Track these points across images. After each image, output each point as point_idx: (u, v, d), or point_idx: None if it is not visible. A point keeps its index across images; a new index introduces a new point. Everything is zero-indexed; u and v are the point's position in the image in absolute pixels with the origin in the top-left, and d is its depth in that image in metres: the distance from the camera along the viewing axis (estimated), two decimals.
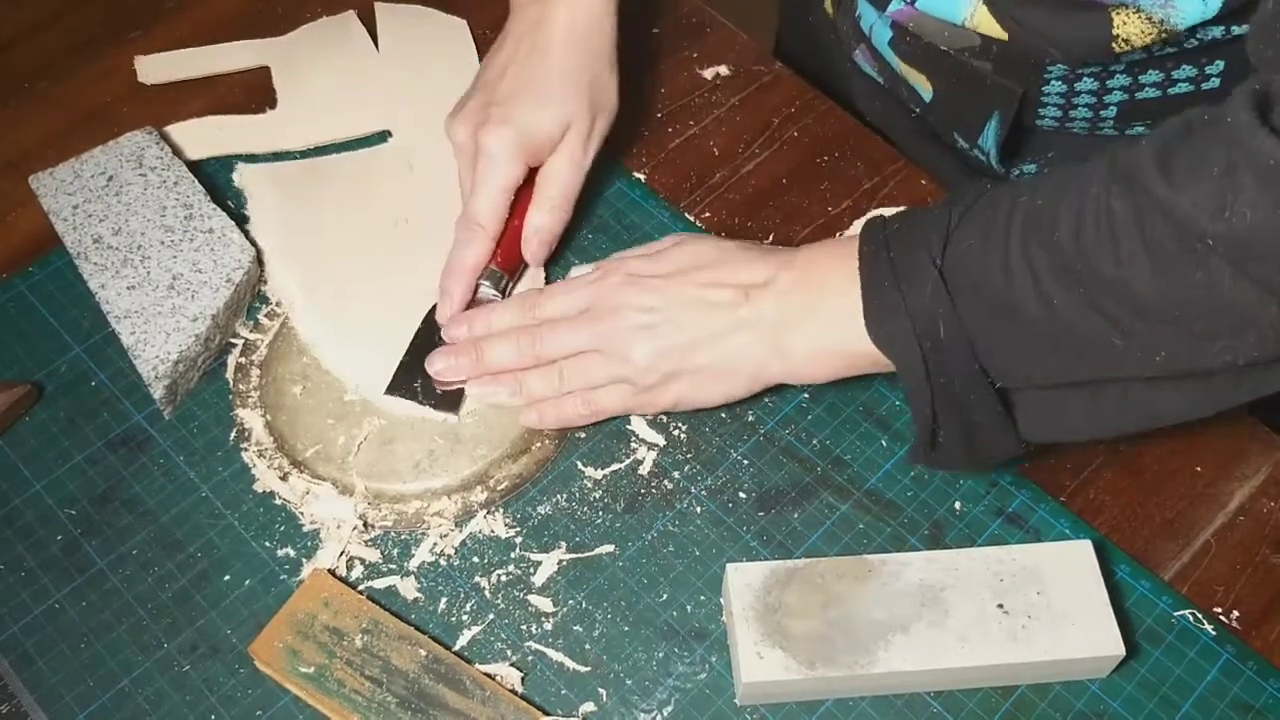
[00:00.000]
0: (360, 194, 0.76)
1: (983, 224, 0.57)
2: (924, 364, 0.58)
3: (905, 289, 0.58)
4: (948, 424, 0.60)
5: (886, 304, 0.59)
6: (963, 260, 0.57)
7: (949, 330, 0.57)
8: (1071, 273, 0.53)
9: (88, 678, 0.60)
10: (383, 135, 0.80)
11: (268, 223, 0.75)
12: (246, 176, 0.77)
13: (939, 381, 0.58)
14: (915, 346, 0.58)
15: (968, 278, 0.57)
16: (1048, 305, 0.54)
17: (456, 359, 0.67)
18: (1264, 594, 0.64)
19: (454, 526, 0.65)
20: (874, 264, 0.60)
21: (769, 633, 0.58)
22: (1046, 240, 0.54)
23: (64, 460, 0.67)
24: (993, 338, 0.57)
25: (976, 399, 0.59)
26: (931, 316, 0.57)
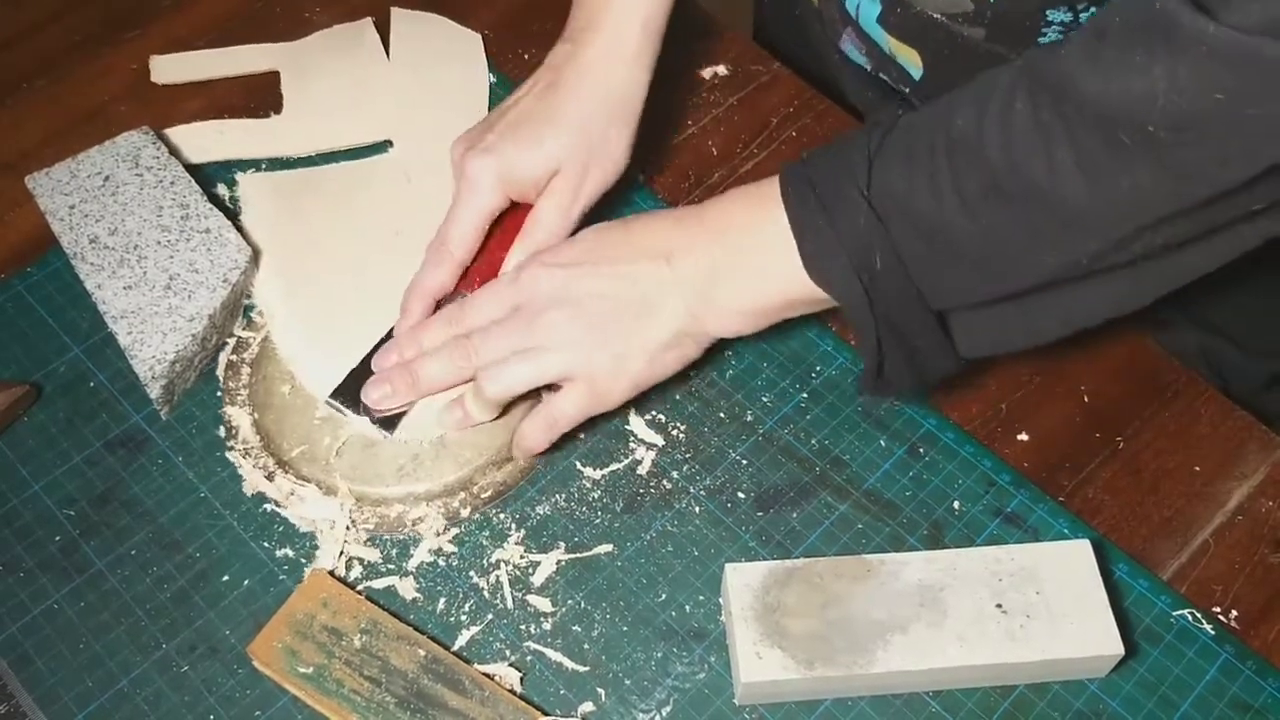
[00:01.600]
0: (356, 204, 0.76)
1: (905, 149, 0.57)
2: (865, 296, 0.58)
3: (838, 223, 0.58)
4: (891, 351, 0.60)
5: (821, 242, 0.58)
6: (890, 188, 0.57)
7: (885, 259, 0.57)
8: (1002, 191, 0.53)
9: (86, 678, 0.60)
10: (384, 145, 0.80)
11: (260, 232, 0.75)
12: (245, 185, 0.77)
13: (880, 311, 0.59)
14: (855, 280, 0.58)
15: (896, 204, 0.57)
16: (978, 224, 0.55)
17: (391, 386, 0.66)
18: (1263, 593, 0.64)
19: (451, 525, 0.65)
20: (801, 202, 0.59)
21: (768, 632, 0.58)
22: (974, 160, 0.54)
23: (62, 461, 0.67)
24: (928, 261, 0.57)
25: (917, 324, 0.59)
26: (867, 248, 0.57)
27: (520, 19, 0.88)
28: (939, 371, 0.62)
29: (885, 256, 0.57)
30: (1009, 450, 0.69)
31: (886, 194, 0.57)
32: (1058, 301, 0.59)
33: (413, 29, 0.86)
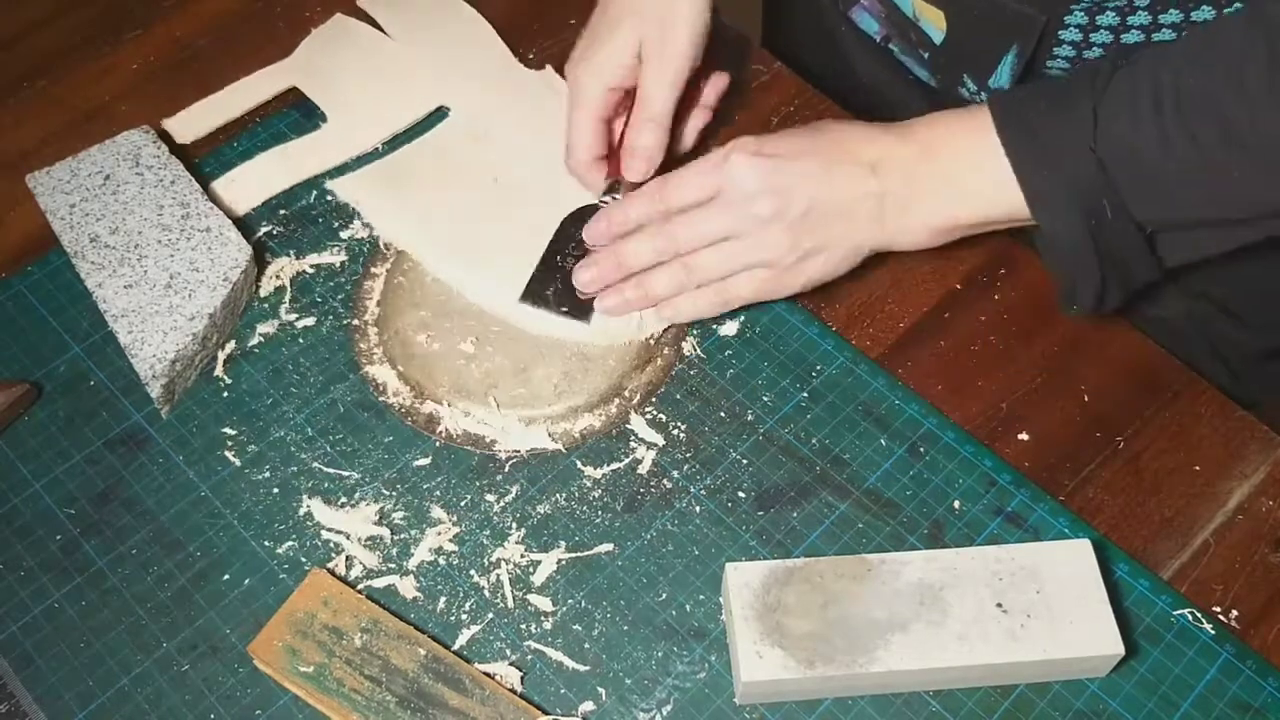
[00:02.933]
0: (447, 169, 0.78)
1: (1129, 104, 0.60)
2: (1091, 240, 0.62)
3: (1065, 171, 0.61)
4: (1111, 283, 0.64)
5: (1050, 193, 0.62)
6: (1118, 144, 0.60)
7: (1114, 209, 0.61)
8: (1245, 146, 0.57)
9: (87, 677, 0.60)
10: (440, 112, 0.82)
11: (384, 220, 0.76)
12: (345, 189, 0.78)
13: (1104, 252, 0.62)
14: (1082, 225, 0.61)
15: (1126, 159, 0.60)
16: (1214, 174, 0.58)
17: (599, 268, 0.70)
18: (1262, 593, 0.64)
19: (456, 525, 0.65)
20: (1023, 148, 0.62)
21: (768, 632, 0.58)
22: (1213, 118, 0.57)
23: (63, 459, 0.67)
24: (1152, 204, 0.61)
25: (1135, 253, 0.63)
26: (1094, 198, 0.61)
27: (520, 18, 0.88)
28: (1145, 282, 0.65)
29: (1114, 206, 0.61)
30: (1009, 450, 0.69)
31: (1115, 148, 0.60)
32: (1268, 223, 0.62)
33: (388, 7, 0.87)
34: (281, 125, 0.81)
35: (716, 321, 0.73)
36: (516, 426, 0.68)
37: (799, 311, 0.73)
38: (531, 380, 0.69)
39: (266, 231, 0.77)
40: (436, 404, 0.69)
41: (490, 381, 0.69)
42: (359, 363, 0.71)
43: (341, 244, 0.76)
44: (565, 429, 0.69)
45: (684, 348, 0.72)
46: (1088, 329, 0.73)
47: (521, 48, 0.86)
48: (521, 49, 0.86)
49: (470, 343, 0.70)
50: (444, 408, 0.69)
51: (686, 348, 0.72)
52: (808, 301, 0.74)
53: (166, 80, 0.84)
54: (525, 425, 0.68)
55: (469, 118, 0.81)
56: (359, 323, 0.73)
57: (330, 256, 0.76)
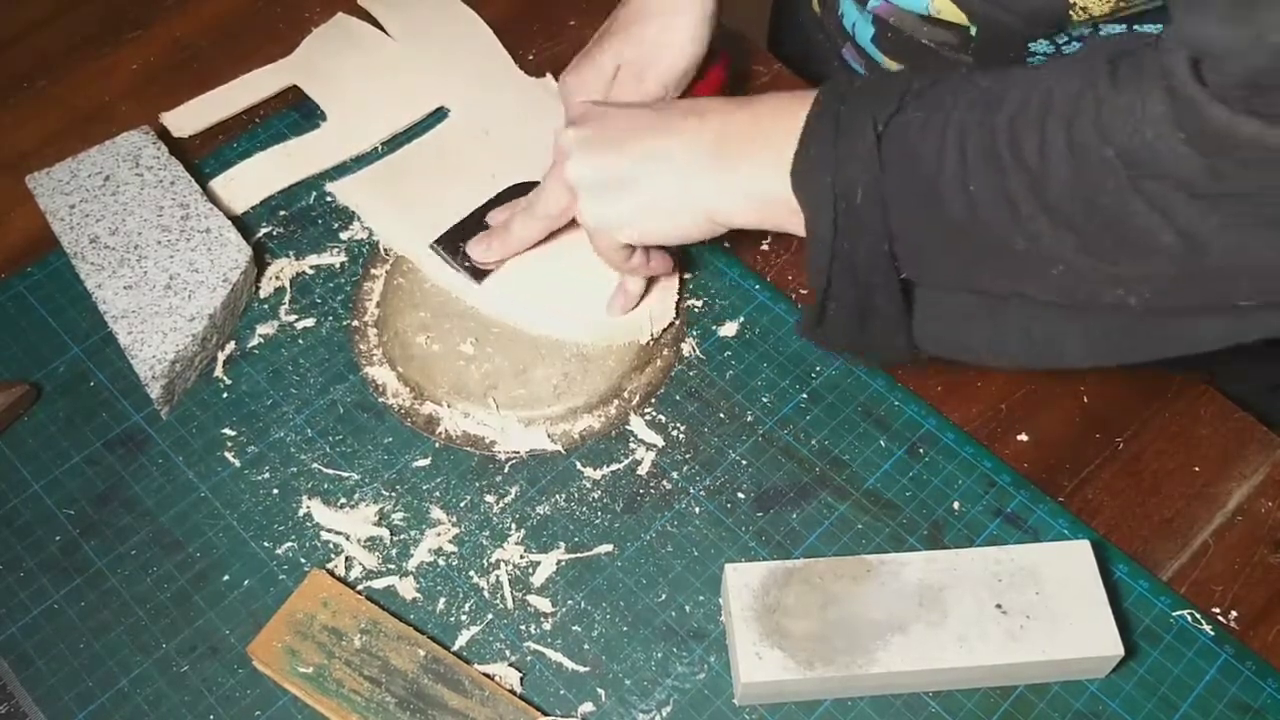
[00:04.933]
0: (447, 168, 0.79)
1: (934, 100, 0.56)
2: (833, 223, 0.57)
3: (840, 144, 0.56)
4: (843, 297, 0.59)
5: (817, 156, 0.57)
6: (904, 130, 0.55)
7: (866, 196, 0.56)
8: (996, 157, 0.52)
9: (86, 678, 0.60)
10: (440, 112, 0.82)
11: (382, 222, 0.76)
12: (343, 191, 0.78)
13: (843, 246, 0.57)
14: (830, 203, 0.56)
15: (903, 149, 0.55)
16: (965, 189, 0.53)
17: (489, 243, 0.72)
18: (1262, 594, 0.64)
19: (456, 525, 0.65)
20: (822, 117, 0.58)
21: (767, 633, 0.58)
22: (985, 120, 0.53)
23: (63, 460, 0.67)
24: (906, 216, 0.56)
25: (878, 280, 0.58)
26: (854, 178, 0.56)
27: (519, 19, 0.88)
28: (889, 345, 0.61)
29: (869, 193, 0.56)
30: (1009, 451, 0.69)
31: (899, 133, 0.56)
32: (1033, 324, 0.57)
33: (389, 8, 0.87)
34: (282, 126, 0.81)
35: (716, 323, 0.73)
36: (516, 427, 0.68)
37: (799, 312, 0.73)
38: (531, 381, 0.69)
39: (266, 232, 0.77)
40: (436, 405, 0.69)
41: (490, 383, 0.69)
42: (359, 364, 0.71)
43: (341, 245, 0.76)
44: (565, 430, 0.69)
45: (683, 349, 0.72)
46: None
47: (521, 49, 0.86)
48: (521, 50, 0.86)
49: (470, 344, 0.70)
50: (443, 409, 0.69)
51: (686, 349, 0.72)
52: (807, 302, 0.74)
53: (166, 80, 0.84)
54: (525, 426, 0.68)
55: (468, 118, 0.82)
56: (359, 324, 0.73)
57: (330, 257, 0.76)
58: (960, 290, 0.58)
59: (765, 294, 0.74)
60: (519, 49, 0.86)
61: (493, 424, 0.68)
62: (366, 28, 0.86)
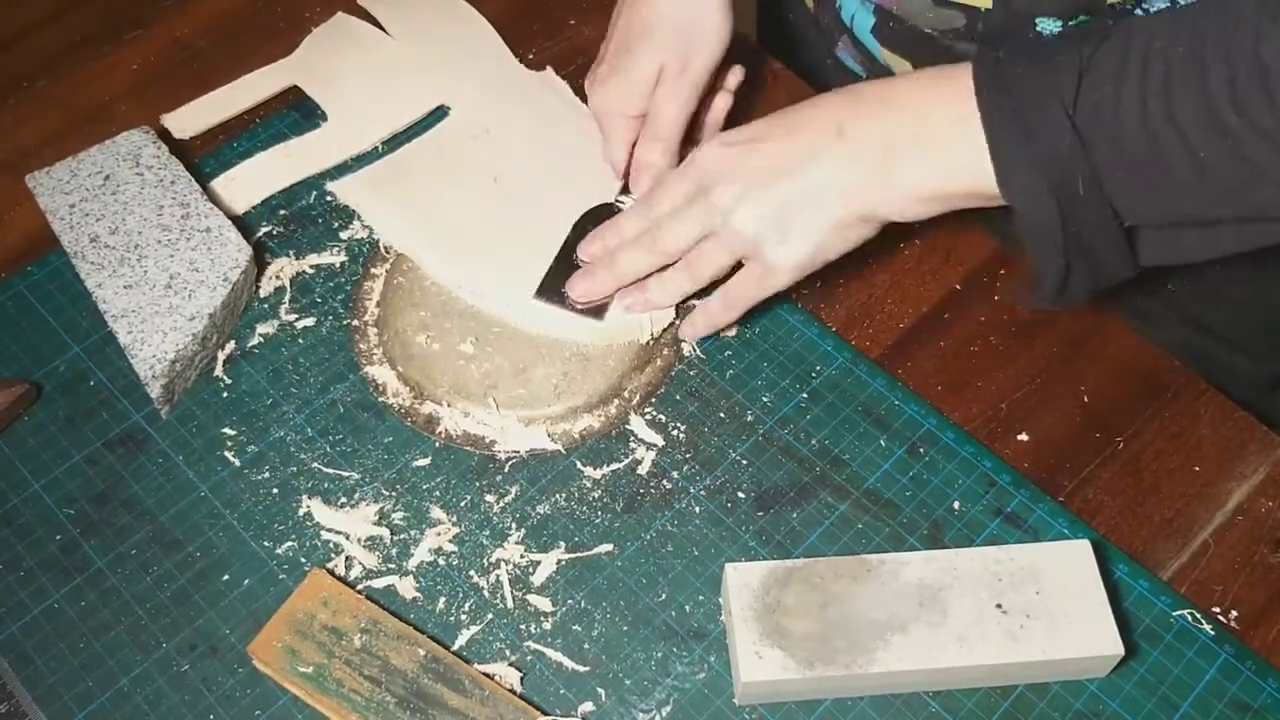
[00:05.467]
0: (449, 168, 0.78)
1: (1115, 71, 0.55)
2: (1060, 218, 0.57)
3: (1038, 142, 0.56)
4: (1076, 268, 0.59)
5: (1018, 159, 0.57)
6: (1098, 111, 0.55)
7: (1087, 186, 0.56)
8: (1221, 124, 0.52)
9: (86, 677, 0.60)
10: (440, 111, 0.82)
11: (384, 221, 0.76)
12: (344, 191, 0.78)
13: (1072, 233, 0.58)
14: (1051, 201, 0.57)
15: (1104, 130, 0.55)
16: (1194, 157, 0.53)
17: (593, 279, 0.70)
18: (1262, 593, 0.64)
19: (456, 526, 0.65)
20: (996, 110, 0.57)
21: (768, 632, 0.58)
22: (1195, 92, 0.52)
23: (62, 460, 0.67)
24: (1131, 188, 0.56)
25: (1106, 242, 0.58)
26: (1068, 171, 0.56)
27: (520, 19, 0.88)
28: (1115, 279, 0.61)
29: (1087, 183, 0.56)
30: (1009, 450, 0.69)
31: (1094, 115, 0.55)
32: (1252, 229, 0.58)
33: (389, 7, 0.87)
34: (282, 126, 0.81)
35: None
36: (516, 427, 0.68)
37: (798, 312, 0.73)
38: (531, 381, 0.69)
39: (266, 232, 0.77)
40: (436, 404, 0.69)
41: (490, 382, 0.69)
42: (359, 363, 0.71)
43: (341, 244, 0.76)
44: (565, 429, 0.69)
45: (684, 349, 0.72)
46: (1088, 329, 0.73)
47: (521, 48, 0.86)
48: (521, 49, 0.86)
49: (470, 343, 0.70)
50: (443, 408, 0.69)
51: (686, 349, 0.72)
52: (807, 302, 0.74)
53: (166, 80, 0.84)
54: (525, 426, 0.68)
55: (469, 117, 0.81)
56: (359, 323, 0.73)
57: (330, 257, 0.76)
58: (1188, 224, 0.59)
59: None
60: (519, 48, 0.86)
61: (493, 423, 0.68)
62: (366, 27, 0.86)
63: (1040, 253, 0.59)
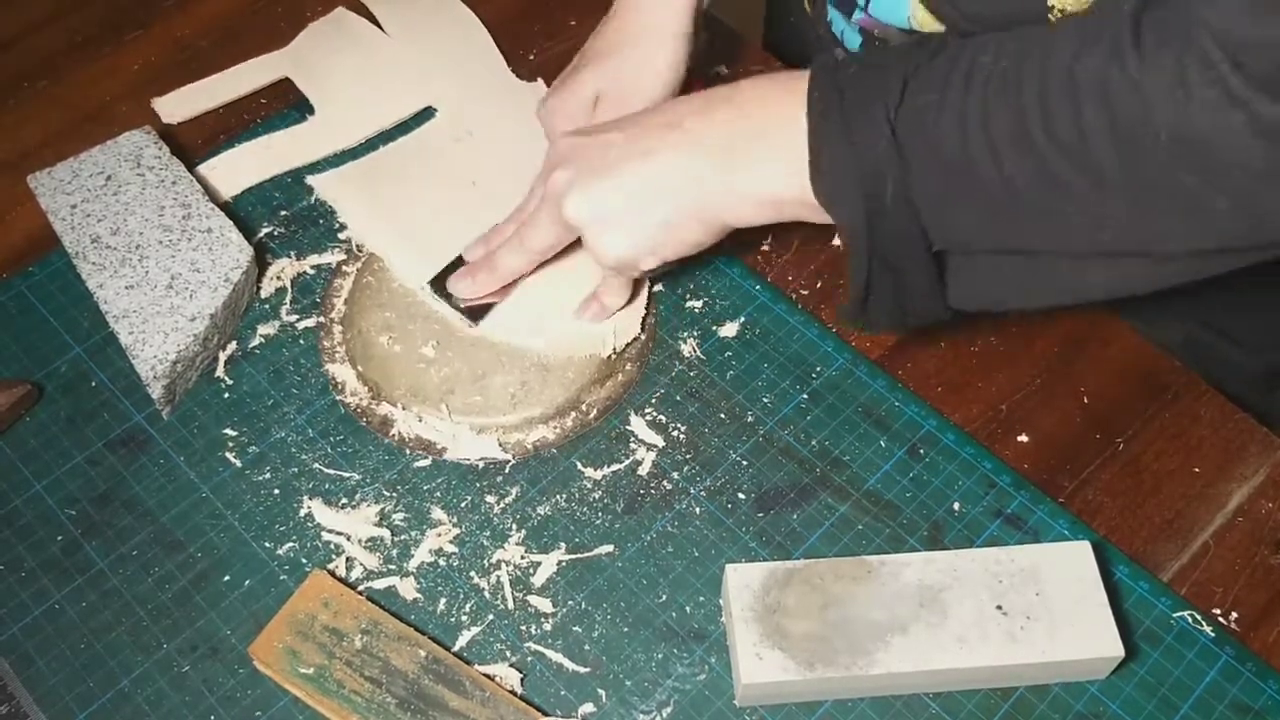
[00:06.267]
0: (428, 170, 0.79)
1: (941, 80, 0.54)
2: (866, 223, 0.56)
3: (856, 143, 0.55)
4: (880, 285, 0.58)
5: (834, 158, 0.56)
6: (919, 117, 0.54)
7: (896, 191, 0.55)
8: (1029, 139, 0.51)
9: (87, 678, 0.60)
10: (427, 112, 0.82)
11: (359, 220, 0.76)
12: (324, 186, 0.78)
13: (878, 241, 0.56)
14: (860, 205, 0.55)
15: (921, 137, 0.54)
16: (1001, 171, 0.52)
17: (474, 278, 0.71)
18: (1262, 595, 0.64)
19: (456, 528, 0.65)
20: (825, 110, 0.56)
21: (768, 634, 0.58)
22: (1009, 103, 0.52)
23: (64, 460, 0.67)
24: (940, 201, 0.55)
25: (913, 262, 0.57)
26: (880, 175, 0.55)
27: (520, 19, 0.88)
28: (924, 315, 0.60)
29: (896, 188, 0.55)
30: (1009, 451, 0.69)
31: (914, 121, 0.54)
32: (1060, 269, 0.57)
33: (388, 5, 0.88)
34: (282, 125, 0.82)
35: (716, 323, 0.73)
36: (467, 434, 0.68)
37: (799, 313, 0.73)
38: (488, 388, 0.69)
39: (267, 232, 0.77)
40: (392, 406, 0.69)
41: (447, 387, 0.69)
42: (321, 360, 0.71)
43: (341, 245, 0.76)
44: (518, 439, 0.68)
45: (683, 349, 0.72)
46: (1087, 330, 0.73)
47: (522, 49, 0.86)
48: (522, 51, 0.86)
49: (431, 347, 0.70)
50: (398, 410, 0.68)
51: (686, 349, 0.72)
52: (807, 303, 0.74)
53: (167, 80, 0.84)
54: (476, 433, 0.68)
55: (454, 119, 0.81)
56: (325, 320, 0.73)
57: (331, 257, 0.76)
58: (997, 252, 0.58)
59: (766, 294, 0.74)
60: (519, 49, 0.86)
61: (444, 429, 0.68)
62: (363, 23, 0.86)
63: (850, 261, 0.58)
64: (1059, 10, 0.60)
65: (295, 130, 0.81)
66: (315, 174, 0.79)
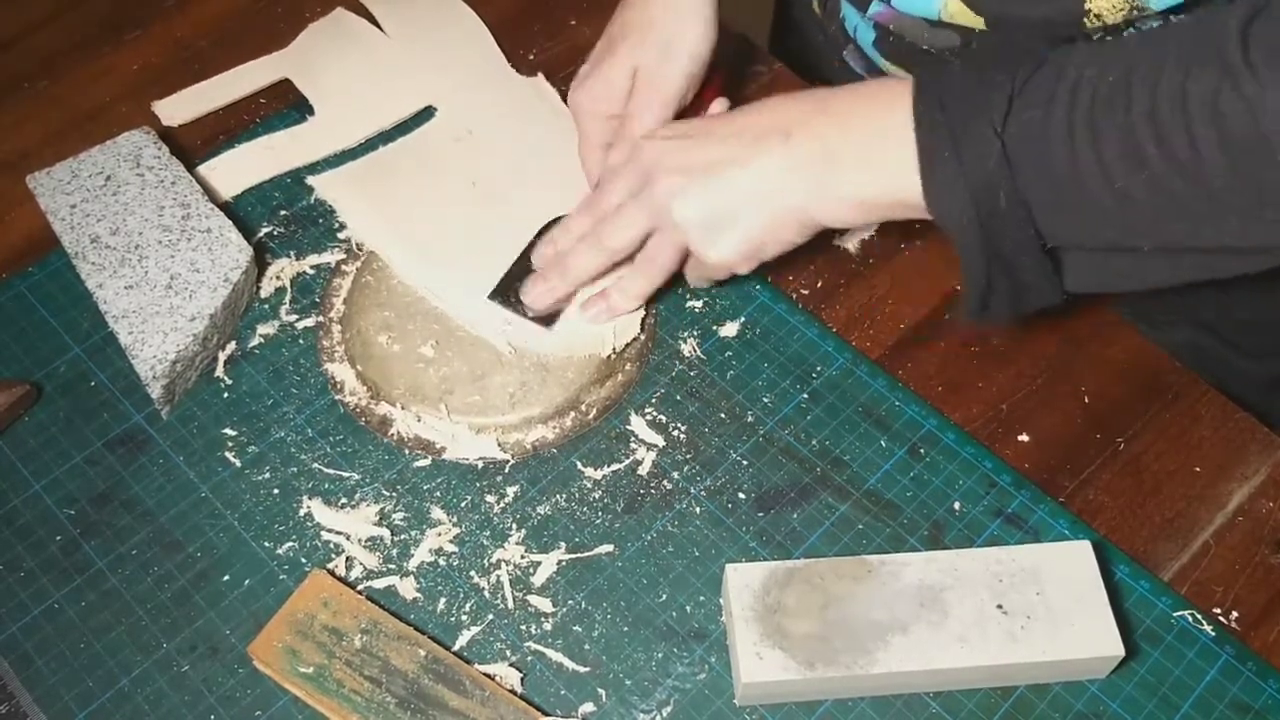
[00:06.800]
0: (430, 169, 0.78)
1: (1046, 95, 0.56)
2: (981, 233, 0.58)
3: (965, 159, 0.57)
4: (998, 286, 0.60)
5: (945, 173, 0.57)
6: (1026, 131, 0.56)
7: (1009, 202, 0.57)
8: (1140, 154, 0.53)
9: (87, 678, 0.60)
10: (427, 112, 0.82)
11: (359, 219, 0.76)
12: (324, 186, 0.78)
13: (994, 249, 0.58)
14: (975, 217, 0.57)
15: (1030, 151, 0.56)
16: (1112, 185, 0.54)
17: (546, 283, 0.70)
18: (1263, 594, 0.64)
19: (456, 526, 0.65)
20: (931, 124, 0.58)
21: (768, 633, 0.58)
22: (1117, 120, 0.53)
23: (63, 460, 0.67)
24: (1052, 210, 0.57)
25: (1029, 261, 0.59)
26: (992, 188, 0.57)
27: (520, 19, 0.88)
28: (1042, 303, 0.62)
29: (1009, 199, 0.56)
30: (1010, 451, 0.69)
31: (1021, 135, 0.56)
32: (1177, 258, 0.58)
33: (388, 5, 0.88)
34: (281, 125, 0.81)
35: (716, 323, 0.73)
36: (466, 434, 0.68)
37: (799, 313, 0.73)
38: (487, 388, 0.68)
39: (267, 232, 0.77)
40: (390, 406, 0.69)
41: (446, 387, 0.68)
42: (320, 359, 0.71)
43: (341, 245, 0.76)
44: (517, 439, 0.68)
45: (684, 349, 0.72)
46: (1088, 330, 0.73)
47: (522, 48, 0.86)
48: (522, 50, 0.86)
49: (430, 346, 0.70)
50: (397, 410, 0.68)
51: (686, 349, 0.72)
52: (808, 303, 0.74)
53: (167, 80, 0.84)
54: (475, 433, 0.68)
55: (454, 119, 0.81)
56: (324, 319, 0.73)
57: (330, 257, 0.76)
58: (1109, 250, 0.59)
59: (766, 294, 0.74)
60: (519, 49, 0.86)
61: (443, 429, 0.68)
62: (363, 24, 0.86)
63: (967, 269, 0.60)
64: (1094, 14, 0.61)
65: (295, 130, 0.81)
66: (315, 174, 0.79)
